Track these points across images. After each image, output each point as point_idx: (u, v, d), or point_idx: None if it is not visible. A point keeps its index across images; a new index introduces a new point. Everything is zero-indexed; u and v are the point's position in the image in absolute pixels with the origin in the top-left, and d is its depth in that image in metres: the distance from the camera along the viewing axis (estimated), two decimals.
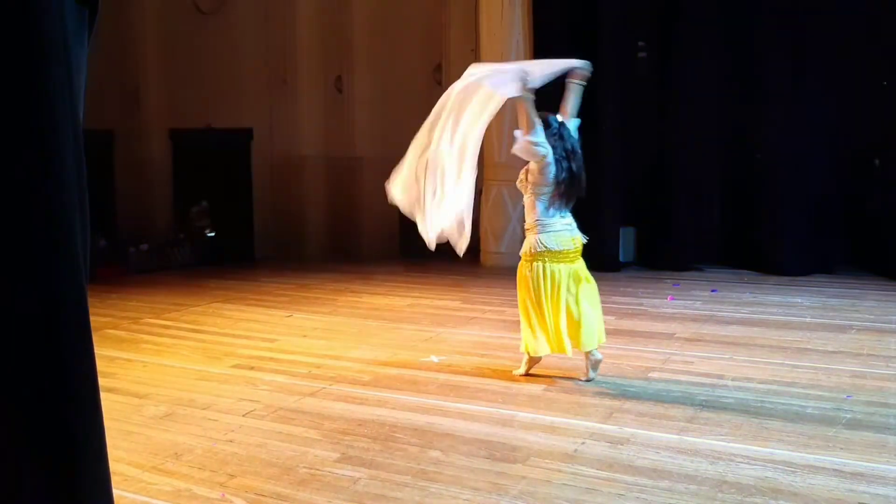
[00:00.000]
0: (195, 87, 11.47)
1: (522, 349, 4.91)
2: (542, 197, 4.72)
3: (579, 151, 4.79)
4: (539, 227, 4.71)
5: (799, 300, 7.27)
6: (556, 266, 4.66)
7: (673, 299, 7.41)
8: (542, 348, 4.78)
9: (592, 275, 4.92)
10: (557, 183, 4.68)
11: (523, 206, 4.95)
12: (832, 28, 8.57)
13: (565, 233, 4.71)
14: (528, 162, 4.83)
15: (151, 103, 11.72)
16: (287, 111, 11.50)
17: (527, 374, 4.92)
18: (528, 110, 4.63)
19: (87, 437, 1.10)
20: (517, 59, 9.53)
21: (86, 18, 1.23)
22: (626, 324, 6.41)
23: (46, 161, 1.07)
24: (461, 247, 4.72)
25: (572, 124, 4.85)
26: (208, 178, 11.39)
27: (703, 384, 4.71)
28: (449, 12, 10.70)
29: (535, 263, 4.69)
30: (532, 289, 4.71)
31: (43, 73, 1.06)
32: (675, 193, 9.28)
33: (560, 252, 4.68)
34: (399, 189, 4.82)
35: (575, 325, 4.70)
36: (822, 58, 8.60)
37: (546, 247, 4.67)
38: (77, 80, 1.17)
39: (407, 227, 5.66)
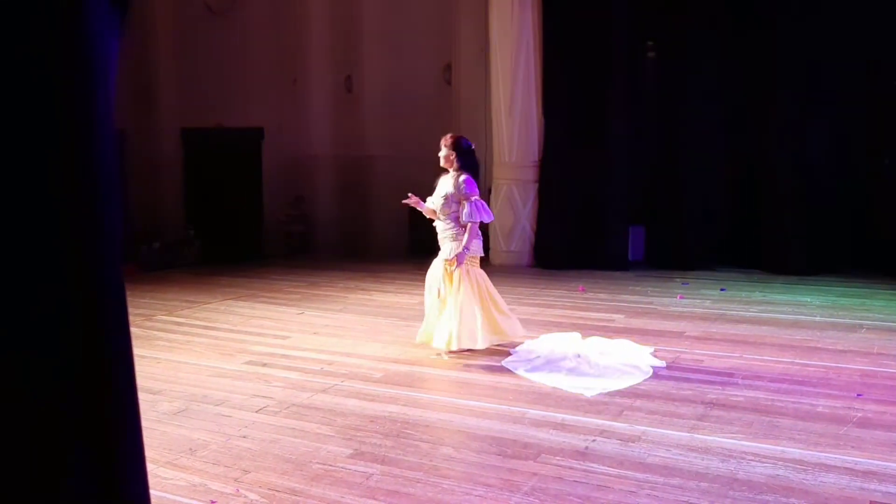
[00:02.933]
0: (207, 87, 11.53)
1: (454, 346, 5.35)
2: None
3: None
4: (479, 235, 5.53)
5: (808, 299, 7.27)
6: None
7: (682, 298, 7.42)
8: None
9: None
10: None
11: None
12: (842, 29, 8.55)
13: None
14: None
15: (163, 103, 11.79)
16: (297, 110, 11.55)
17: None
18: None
19: (125, 427, 1.13)
20: (527, 59, 9.56)
21: (118, 13, 1.26)
22: (636, 322, 6.42)
23: (87, 153, 1.11)
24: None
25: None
26: (219, 177, 11.44)
27: (713, 382, 4.72)
28: (459, 12, 10.71)
29: (478, 268, 5.50)
30: (482, 286, 5.44)
31: (84, 68, 1.09)
32: (683, 193, 9.28)
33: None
34: None
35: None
36: (832, 58, 8.59)
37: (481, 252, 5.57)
38: (111, 73, 1.21)
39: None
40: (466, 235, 5.35)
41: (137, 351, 5.15)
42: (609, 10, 9.28)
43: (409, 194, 5.62)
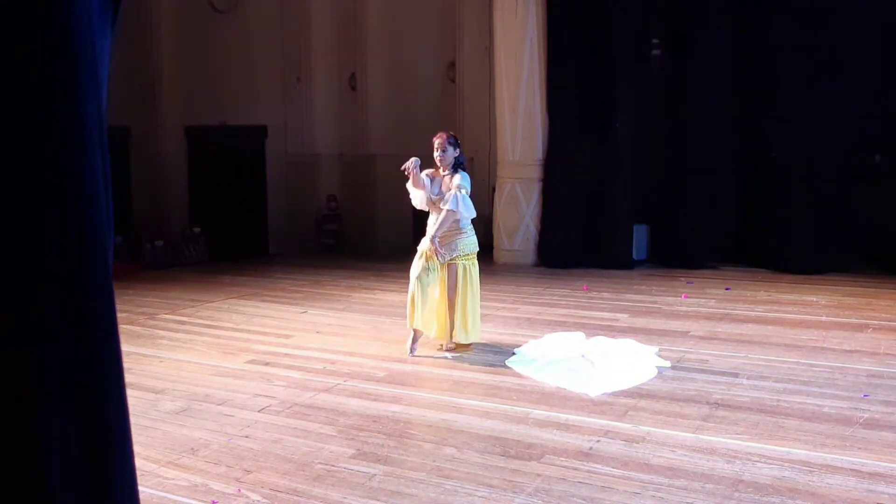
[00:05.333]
0: (210, 85, 11.53)
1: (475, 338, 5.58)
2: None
3: None
4: (473, 232, 5.57)
5: (814, 299, 7.22)
6: None
7: (687, 297, 7.38)
8: None
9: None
10: None
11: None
12: (846, 28, 8.49)
13: None
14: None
15: (167, 100, 11.79)
16: (301, 108, 11.54)
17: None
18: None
19: (114, 430, 1.11)
20: (531, 56, 9.53)
21: (110, 11, 1.24)
22: (640, 321, 6.39)
23: (74, 153, 1.08)
24: None
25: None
26: (223, 175, 11.44)
27: (718, 382, 4.69)
28: (463, 10, 10.69)
29: (475, 260, 5.61)
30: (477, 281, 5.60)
31: (71, 67, 1.07)
32: (688, 191, 9.24)
33: None
34: None
35: None
36: (837, 57, 8.52)
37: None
38: (101, 72, 1.18)
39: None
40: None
41: (140, 350, 5.17)
42: (614, 8, 9.24)
43: (409, 167, 5.27)
